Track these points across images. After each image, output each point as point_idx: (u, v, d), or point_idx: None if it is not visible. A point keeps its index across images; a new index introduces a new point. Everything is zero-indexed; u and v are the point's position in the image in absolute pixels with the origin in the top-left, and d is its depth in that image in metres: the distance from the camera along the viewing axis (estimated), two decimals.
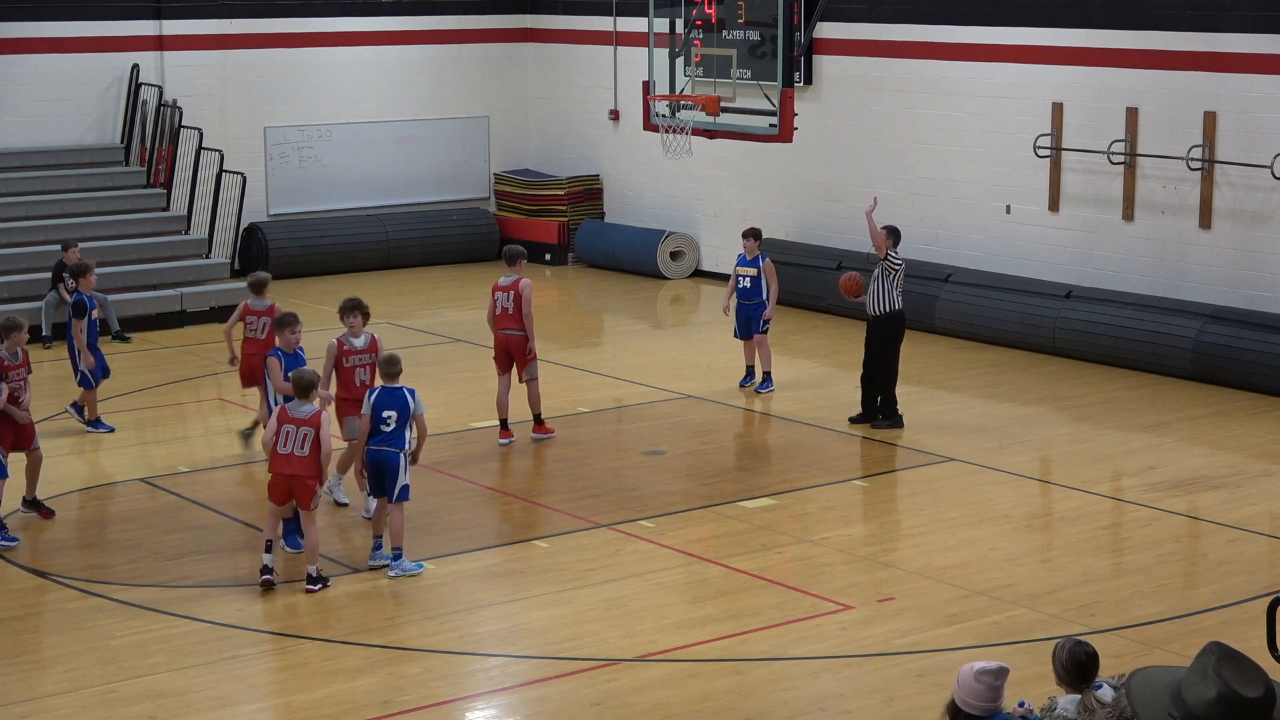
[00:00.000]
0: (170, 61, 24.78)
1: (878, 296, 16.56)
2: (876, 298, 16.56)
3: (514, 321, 15.93)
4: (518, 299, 15.89)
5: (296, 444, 12.02)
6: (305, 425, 12.03)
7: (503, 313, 15.99)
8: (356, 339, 13.96)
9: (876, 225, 16.59)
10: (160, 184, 24.29)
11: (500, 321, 16.03)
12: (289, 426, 12.06)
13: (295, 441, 12.03)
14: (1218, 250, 19.28)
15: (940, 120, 22.05)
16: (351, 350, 13.90)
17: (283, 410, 12.29)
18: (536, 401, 16.23)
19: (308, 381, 12.26)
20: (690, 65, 17.97)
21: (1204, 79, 19.23)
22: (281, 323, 14.09)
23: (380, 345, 13.99)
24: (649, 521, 13.92)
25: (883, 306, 16.57)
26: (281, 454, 12.05)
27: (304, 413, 12.10)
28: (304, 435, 12.01)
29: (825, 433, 16.73)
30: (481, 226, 27.18)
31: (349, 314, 14.00)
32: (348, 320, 13.99)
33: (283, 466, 12.07)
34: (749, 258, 18.19)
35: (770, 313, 18.14)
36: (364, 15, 26.45)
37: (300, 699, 10.60)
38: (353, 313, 14.00)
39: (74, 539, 13.62)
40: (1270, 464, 15.70)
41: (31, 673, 10.93)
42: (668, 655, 11.11)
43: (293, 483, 12.09)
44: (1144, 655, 10.85)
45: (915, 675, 10.70)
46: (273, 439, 12.13)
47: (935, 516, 14.12)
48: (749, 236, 18.25)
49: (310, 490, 12.10)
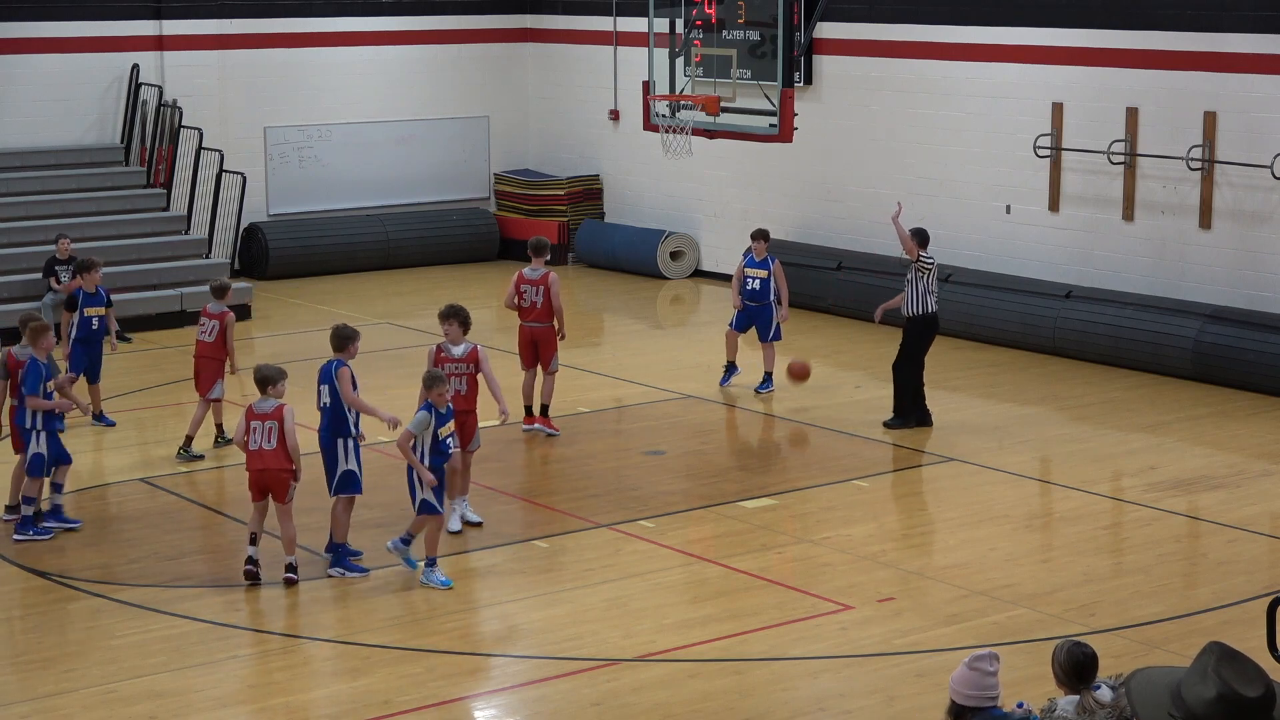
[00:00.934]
0: (170, 61, 24.79)
1: (912, 299, 16.59)
2: (911, 300, 16.60)
3: (542, 315, 16.19)
4: (547, 293, 16.11)
5: (264, 438, 12.21)
6: (270, 419, 12.22)
7: (531, 306, 16.24)
8: (455, 347, 13.51)
9: (904, 229, 16.66)
10: (160, 184, 24.29)
11: (527, 314, 16.29)
12: (255, 422, 12.27)
13: (263, 436, 12.22)
14: (1218, 250, 19.28)
15: (940, 120, 22.05)
16: (449, 358, 13.47)
17: (249, 408, 12.42)
18: (549, 393, 16.45)
19: (264, 376, 12.41)
20: (690, 65, 17.97)
21: (1204, 79, 19.23)
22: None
23: (481, 357, 13.50)
24: (649, 521, 13.92)
25: (917, 308, 16.61)
26: (252, 450, 12.28)
27: (267, 407, 12.27)
28: (269, 429, 12.22)
29: (825, 433, 16.73)
30: (481, 226, 27.18)
31: (445, 321, 13.57)
32: (445, 327, 13.57)
33: (254, 462, 12.30)
34: (758, 259, 18.15)
35: (784, 315, 18.16)
36: (364, 15, 26.45)
37: (300, 699, 10.60)
38: (449, 320, 13.54)
39: (74, 539, 13.62)
40: (1270, 464, 15.70)
41: (31, 673, 10.93)
42: (668, 655, 11.11)
43: (265, 476, 12.27)
44: (1144, 655, 10.85)
45: (915, 675, 10.70)
46: (243, 437, 12.36)
47: (935, 516, 14.12)
48: (758, 238, 18.21)
49: (283, 482, 12.25)
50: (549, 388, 16.46)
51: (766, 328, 18.10)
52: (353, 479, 12.61)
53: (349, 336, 12.94)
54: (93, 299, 16.75)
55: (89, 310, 16.70)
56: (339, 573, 12.55)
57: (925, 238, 16.73)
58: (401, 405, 17.60)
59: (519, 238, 27.12)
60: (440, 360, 13.44)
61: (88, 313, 16.69)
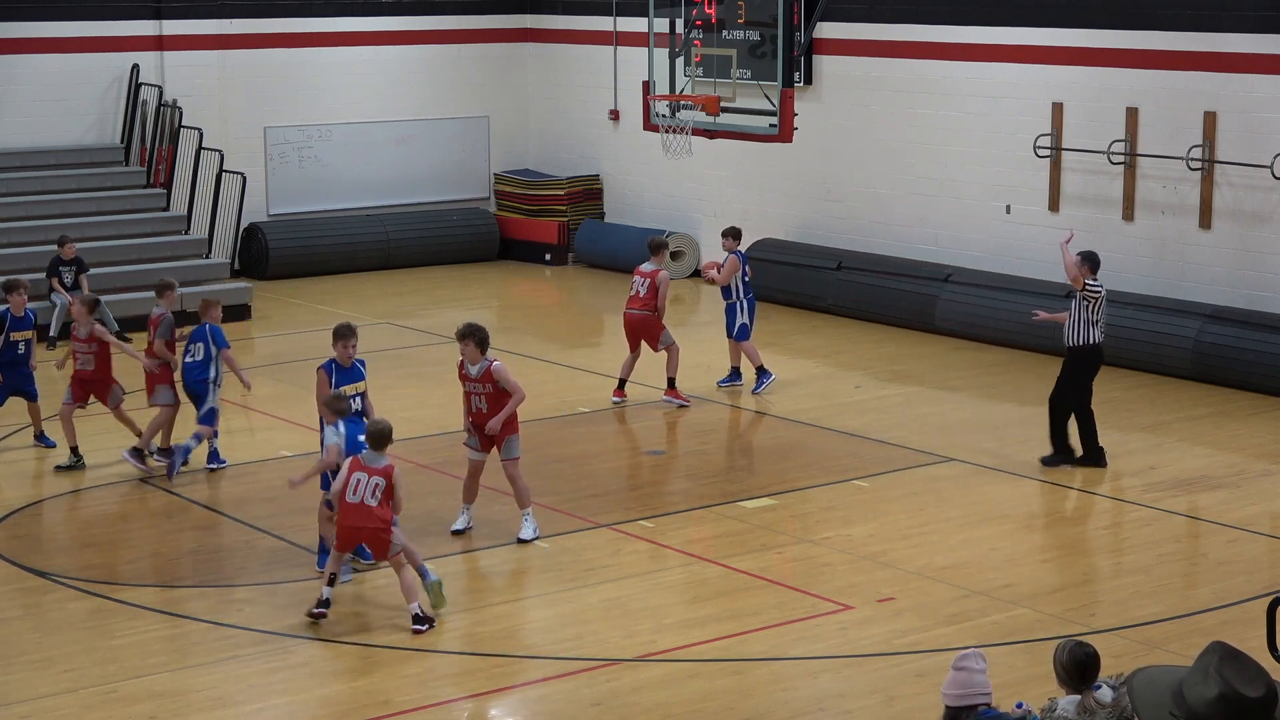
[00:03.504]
0: (170, 61, 24.78)
1: (1074, 327, 15.23)
2: (1072, 328, 15.25)
3: (645, 304, 17.49)
4: (653, 286, 17.44)
5: (367, 493, 11.49)
6: (376, 475, 11.52)
7: (636, 295, 17.58)
8: (473, 366, 13.19)
9: (1071, 255, 15.38)
10: (160, 184, 24.29)
11: (631, 302, 17.68)
12: (360, 474, 11.51)
13: (366, 490, 11.49)
14: (1218, 250, 19.28)
15: (940, 120, 22.05)
16: (467, 377, 13.24)
17: (355, 460, 11.63)
18: (673, 367, 17.64)
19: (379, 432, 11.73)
20: (690, 65, 17.96)
21: (1204, 79, 19.23)
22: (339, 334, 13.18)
23: (498, 376, 13.03)
24: (649, 521, 13.92)
25: (1078, 338, 15.23)
26: (352, 503, 11.49)
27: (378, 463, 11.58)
28: (374, 485, 11.49)
29: (825, 433, 16.73)
30: (481, 226, 27.17)
31: (461, 341, 13.23)
32: (462, 347, 13.23)
33: (350, 518, 11.52)
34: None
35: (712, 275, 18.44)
36: (364, 15, 26.45)
37: (300, 699, 10.61)
38: (464, 340, 13.17)
39: (74, 539, 13.62)
40: (1270, 464, 15.70)
41: (31, 673, 10.92)
42: (668, 655, 11.11)
43: (360, 534, 11.61)
44: (1144, 655, 10.84)
45: (915, 675, 10.70)
46: (341, 488, 11.55)
47: (935, 516, 14.12)
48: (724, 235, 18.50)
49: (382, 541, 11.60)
50: (673, 362, 17.59)
51: (731, 325, 18.19)
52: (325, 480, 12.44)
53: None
54: (20, 322, 16.13)
55: (15, 335, 16.03)
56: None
57: (1096, 263, 15.28)
58: (402, 405, 17.62)
59: (519, 238, 27.18)
60: (461, 376, 13.26)
61: (14, 337, 16.02)
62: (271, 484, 14.67)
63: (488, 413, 13.17)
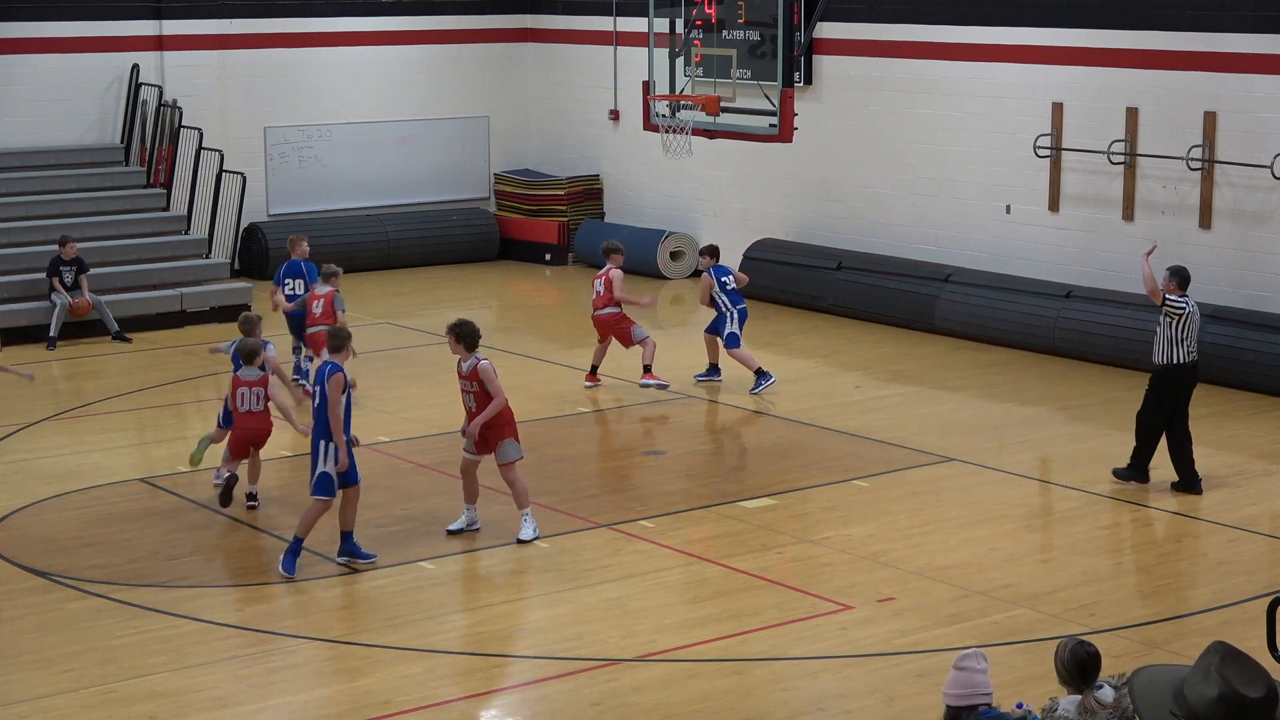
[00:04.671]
0: (170, 61, 24.78)
1: (1157, 344, 14.59)
2: (1156, 345, 14.61)
3: (604, 301, 18.05)
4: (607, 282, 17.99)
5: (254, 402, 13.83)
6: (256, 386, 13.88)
7: (596, 296, 18.22)
8: (463, 363, 13.09)
9: (1150, 268, 14.68)
10: (160, 184, 24.29)
11: (593, 304, 18.35)
12: (242, 389, 13.88)
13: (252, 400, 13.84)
14: (1218, 250, 19.27)
15: (940, 120, 22.05)
16: (460, 374, 13.19)
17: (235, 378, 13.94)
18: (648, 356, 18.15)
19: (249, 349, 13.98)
20: (690, 65, 17.96)
21: (1204, 79, 19.23)
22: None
23: (484, 376, 12.90)
24: (649, 521, 13.92)
25: (1163, 356, 14.53)
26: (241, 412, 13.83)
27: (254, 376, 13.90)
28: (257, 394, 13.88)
29: (825, 433, 16.73)
30: (481, 226, 27.17)
31: (447, 336, 13.22)
32: (449, 342, 13.21)
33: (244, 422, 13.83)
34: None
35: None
36: (364, 15, 26.45)
37: (300, 699, 10.60)
38: (448, 335, 13.17)
39: (74, 539, 13.62)
40: (1270, 464, 15.70)
41: (31, 673, 10.92)
42: (668, 655, 11.11)
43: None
44: (1144, 655, 10.85)
45: (915, 675, 10.70)
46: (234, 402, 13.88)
47: (935, 516, 14.12)
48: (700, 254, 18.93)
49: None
50: (648, 353, 18.13)
51: (719, 330, 18.35)
52: (326, 482, 12.48)
53: (346, 337, 12.94)
54: None
55: None
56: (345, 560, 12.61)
57: (1185, 278, 14.55)
58: (401, 405, 17.62)
59: (519, 238, 27.18)
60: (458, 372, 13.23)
61: None
62: (271, 484, 14.67)
63: (475, 412, 13.11)
